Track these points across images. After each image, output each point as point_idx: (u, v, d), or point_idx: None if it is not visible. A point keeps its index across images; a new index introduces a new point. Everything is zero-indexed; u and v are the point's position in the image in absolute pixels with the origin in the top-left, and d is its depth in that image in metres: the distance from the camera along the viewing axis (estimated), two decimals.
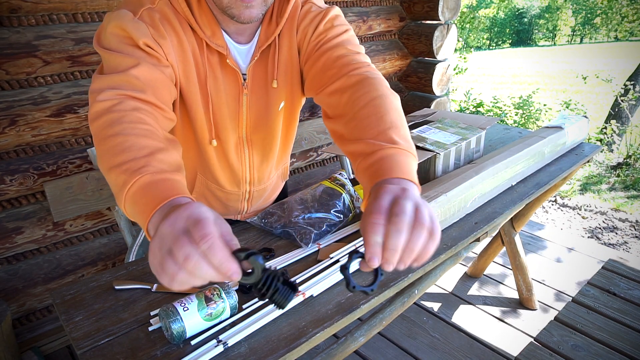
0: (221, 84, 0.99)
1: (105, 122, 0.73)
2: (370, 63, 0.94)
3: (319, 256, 1.09)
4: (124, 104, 0.75)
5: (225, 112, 1.03)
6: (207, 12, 0.91)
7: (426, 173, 1.44)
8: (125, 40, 0.82)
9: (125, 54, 0.81)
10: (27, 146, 1.70)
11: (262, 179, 1.21)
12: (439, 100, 3.00)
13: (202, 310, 0.82)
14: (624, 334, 1.42)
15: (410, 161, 0.74)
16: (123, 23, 0.82)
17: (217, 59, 0.96)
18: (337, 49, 0.95)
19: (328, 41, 0.96)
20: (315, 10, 0.99)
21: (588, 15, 29.01)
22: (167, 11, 0.88)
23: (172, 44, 0.89)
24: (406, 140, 0.77)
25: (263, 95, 1.05)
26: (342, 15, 1.01)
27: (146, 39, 0.83)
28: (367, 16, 2.74)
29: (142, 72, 0.80)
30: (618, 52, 17.00)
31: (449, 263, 1.31)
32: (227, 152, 1.09)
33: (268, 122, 1.10)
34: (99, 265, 1.99)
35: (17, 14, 1.57)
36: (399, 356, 1.86)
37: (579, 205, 3.64)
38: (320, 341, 0.86)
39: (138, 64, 0.80)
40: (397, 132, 0.77)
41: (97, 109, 0.75)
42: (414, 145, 0.78)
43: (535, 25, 34.19)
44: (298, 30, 1.00)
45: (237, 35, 0.96)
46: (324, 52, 0.96)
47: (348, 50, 0.94)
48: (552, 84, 11.37)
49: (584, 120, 1.82)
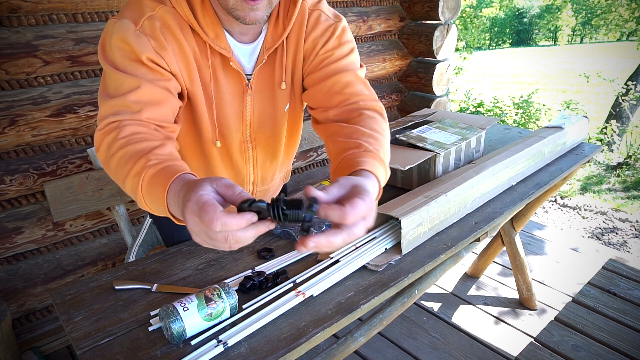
0: (225, 85, 0.99)
1: (106, 146, 0.81)
2: (373, 95, 1.01)
3: (319, 256, 1.09)
4: (123, 129, 0.81)
5: (230, 112, 1.03)
6: (210, 13, 0.91)
7: (426, 173, 1.44)
8: (129, 55, 0.85)
9: (128, 73, 0.84)
10: (27, 146, 1.70)
11: (266, 179, 1.21)
12: (439, 100, 3.00)
13: (202, 310, 0.82)
14: (624, 334, 1.42)
15: (382, 170, 0.82)
16: (126, 36, 0.84)
17: (220, 61, 0.96)
18: (345, 74, 0.99)
19: (335, 61, 1.00)
20: (325, 22, 1.01)
21: (588, 15, 29.01)
22: (168, 18, 0.88)
23: (174, 52, 0.90)
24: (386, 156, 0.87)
25: (269, 96, 1.06)
26: (348, 29, 1.04)
27: (148, 53, 0.85)
28: (367, 16, 2.74)
29: (142, 94, 0.84)
30: (618, 52, 17.00)
31: (449, 263, 1.31)
32: (231, 151, 1.10)
33: (274, 122, 1.11)
34: (99, 265, 1.99)
35: (17, 14, 1.57)
36: (399, 356, 1.86)
37: (579, 206, 3.64)
38: (320, 341, 0.86)
39: (138, 87, 0.84)
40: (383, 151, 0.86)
41: (99, 138, 0.83)
42: (389, 171, 0.87)
43: (535, 25, 34.20)
44: (307, 39, 1.01)
45: (241, 35, 0.96)
46: (331, 74, 0.99)
47: (356, 77, 1.00)
48: (552, 84, 11.37)
49: (584, 120, 1.82)
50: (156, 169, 0.72)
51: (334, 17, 1.03)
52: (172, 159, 0.75)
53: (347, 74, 0.99)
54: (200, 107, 0.99)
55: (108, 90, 0.86)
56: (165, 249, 1.16)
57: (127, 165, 0.75)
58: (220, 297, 0.85)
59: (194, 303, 0.82)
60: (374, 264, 1.04)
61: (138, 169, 0.73)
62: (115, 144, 0.79)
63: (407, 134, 1.49)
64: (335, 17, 1.03)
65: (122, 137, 0.79)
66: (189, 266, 1.07)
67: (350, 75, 0.99)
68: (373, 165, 0.79)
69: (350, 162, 0.80)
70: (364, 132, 0.88)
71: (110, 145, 0.80)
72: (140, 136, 0.80)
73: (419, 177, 1.45)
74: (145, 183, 0.72)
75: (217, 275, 1.03)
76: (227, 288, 0.87)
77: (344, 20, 1.03)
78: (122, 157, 0.77)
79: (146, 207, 0.75)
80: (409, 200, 1.17)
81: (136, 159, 0.74)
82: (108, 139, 0.81)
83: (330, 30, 1.01)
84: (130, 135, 0.80)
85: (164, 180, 0.69)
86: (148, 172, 0.72)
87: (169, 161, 0.74)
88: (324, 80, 1.00)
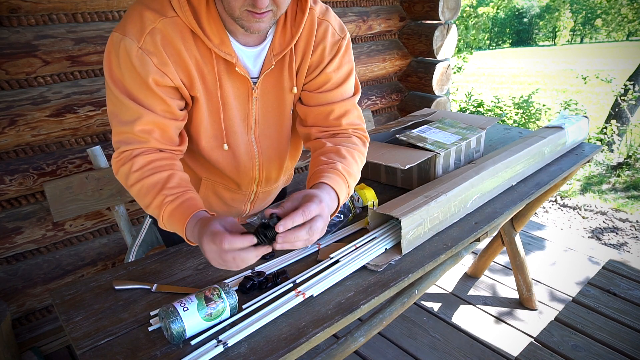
0: (230, 89, 1.00)
1: (124, 176, 0.96)
2: (363, 124, 1.13)
3: (319, 256, 1.09)
4: (136, 161, 0.94)
5: (236, 115, 1.04)
6: (215, 18, 0.91)
7: (426, 173, 1.44)
8: (135, 79, 0.91)
9: (134, 100, 0.92)
10: (26, 146, 1.69)
11: (270, 179, 1.21)
12: (439, 100, 3.00)
13: (202, 310, 0.82)
14: (624, 334, 1.41)
15: (344, 187, 0.98)
16: (131, 58, 0.88)
17: (225, 67, 0.97)
18: (343, 104, 1.09)
19: (336, 87, 1.08)
20: (333, 37, 1.05)
21: (588, 15, 29.01)
22: (169, 30, 0.89)
23: (175, 64, 0.92)
24: (351, 177, 1.01)
25: (275, 99, 1.07)
26: (351, 45, 1.10)
27: (153, 75, 0.90)
28: (367, 16, 2.74)
29: (147, 123, 0.93)
30: (618, 52, 16.99)
31: (449, 263, 1.31)
32: (238, 153, 1.10)
33: (280, 124, 1.12)
34: (99, 265, 1.99)
35: (17, 14, 1.57)
36: (399, 356, 1.86)
37: (579, 206, 3.64)
38: (320, 341, 0.86)
39: (144, 116, 0.92)
40: (351, 173, 1.01)
41: (116, 166, 0.97)
42: (353, 183, 1.02)
43: (535, 25, 34.20)
44: (315, 50, 1.04)
45: (245, 38, 0.97)
46: (330, 101, 1.08)
47: (353, 106, 1.11)
48: (552, 84, 11.37)
49: (584, 120, 1.82)
50: (173, 205, 0.90)
51: (340, 32, 1.06)
52: (184, 191, 0.92)
53: (345, 103, 1.09)
54: (201, 113, 1.00)
55: (117, 114, 0.95)
56: (165, 249, 1.16)
57: (146, 197, 0.92)
58: (220, 297, 0.85)
59: (193, 303, 0.82)
60: (374, 264, 1.04)
61: (157, 204, 0.91)
62: (131, 176, 0.94)
63: (407, 134, 1.49)
64: (341, 31, 1.06)
65: (136, 170, 0.93)
66: (189, 266, 1.07)
67: (348, 104, 1.09)
68: (335, 181, 0.94)
69: (318, 175, 0.96)
70: (342, 154, 1.02)
71: (127, 177, 0.95)
72: (152, 167, 0.94)
73: (419, 177, 1.45)
74: (165, 217, 0.91)
75: (217, 275, 1.03)
76: (227, 288, 0.87)
77: (348, 35, 1.08)
78: (140, 190, 0.93)
79: (166, 229, 0.94)
80: (409, 200, 1.17)
81: (153, 194, 0.91)
82: (124, 169, 0.95)
83: (336, 48, 1.06)
84: (143, 168, 0.93)
85: (182, 219, 0.88)
86: (167, 209, 0.90)
87: (181, 195, 0.91)
88: (322, 106, 1.08)
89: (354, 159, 1.04)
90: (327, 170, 0.97)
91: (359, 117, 1.13)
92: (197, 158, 1.13)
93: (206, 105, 1.00)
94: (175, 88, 0.95)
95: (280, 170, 1.21)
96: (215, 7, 0.91)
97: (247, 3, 0.83)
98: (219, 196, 1.20)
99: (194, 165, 1.15)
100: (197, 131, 1.05)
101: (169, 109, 0.95)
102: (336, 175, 0.96)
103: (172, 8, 0.89)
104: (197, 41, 0.92)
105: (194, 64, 0.94)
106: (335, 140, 1.07)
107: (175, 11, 0.89)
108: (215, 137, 1.06)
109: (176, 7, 0.89)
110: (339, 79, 1.07)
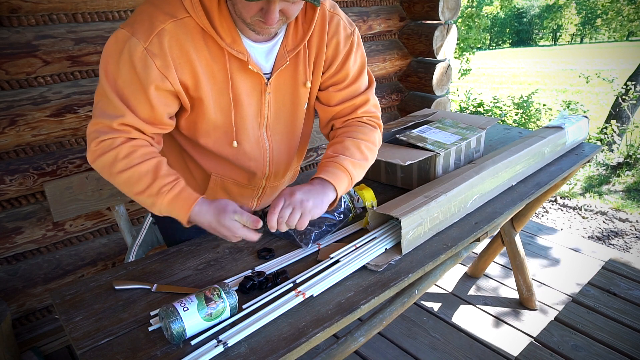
0: (243, 87, 1.01)
1: (108, 163, 0.95)
2: (378, 109, 1.18)
3: (319, 256, 1.09)
4: (121, 149, 0.94)
5: (248, 112, 1.05)
6: (227, 18, 0.92)
7: (426, 173, 1.44)
8: (130, 80, 0.91)
9: (121, 98, 0.92)
10: (27, 146, 1.70)
11: (278, 174, 1.22)
12: (439, 100, 3.00)
13: (202, 310, 0.82)
14: (624, 334, 1.42)
15: (345, 180, 1.05)
16: (133, 59, 0.88)
17: (238, 65, 0.98)
18: (360, 97, 1.14)
19: (353, 82, 1.12)
20: (345, 31, 1.07)
21: (589, 15, 28.99)
22: (178, 32, 0.90)
23: (180, 66, 0.92)
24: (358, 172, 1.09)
25: (288, 93, 1.08)
26: (360, 39, 1.13)
27: (156, 82, 0.91)
28: (367, 16, 2.74)
29: (127, 121, 0.94)
30: (618, 52, 16.98)
31: (449, 263, 1.31)
32: (248, 149, 1.11)
33: (292, 118, 1.14)
34: (99, 265, 1.99)
35: (17, 14, 1.57)
36: (399, 356, 1.86)
37: (579, 206, 3.64)
38: (320, 341, 0.86)
39: (123, 116, 0.93)
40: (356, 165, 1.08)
41: (95, 154, 0.96)
42: (357, 177, 1.10)
43: (535, 26, 34.19)
44: (329, 44, 1.06)
45: (257, 35, 0.97)
46: (348, 97, 1.13)
47: (370, 97, 1.16)
48: (552, 84, 11.36)
49: (584, 120, 1.82)
50: (173, 193, 0.94)
51: (350, 25, 1.09)
52: (177, 179, 0.96)
53: (362, 96, 1.14)
54: (209, 112, 1.01)
55: (101, 106, 0.95)
56: (166, 249, 1.16)
57: (138, 185, 0.94)
58: (220, 297, 0.85)
59: (194, 303, 0.82)
60: (374, 264, 1.04)
61: (154, 191, 0.93)
62: (118, 164, 0.93)
63: (407, 134, 1.49)
64: (350, 24, 1.10)
65: (124, 158, 0.93)
66: (189, 266, 1.07)
67: (366, 96, 1.15)
68: (334, 174, 1.02)
69: (320, 168, 1.05)
70: (352, 144, 1.08)
71: (112, 164, 0.94)
72: (139, 154, 0.94)
73: (419, 177, 1.45)
74: (165, 203, 0.94)
75: (217, 275, 1.03)
76: (227, 288, 0.87)
77: (356, 28, 1.11)
78: (130, 178, 0.94)
79: (159, 213, 0.97)
80: (409, 200, 1.17)
81: (147, 181, 0.93)
82: (108, 157, 0.94)
83: (350, 42, 1.08)
84: (130, 155, 0.94)
85: (185, 205, 0.94)
86: (167, 196, 0.93)
87: (177, 183, 0.95)
88: (344, 102, 1.14)
89: (359, 148, 1.09)
90: (331, 165, 1.05)
91: (375, 105, 1.18)
92: (206, 154, 1.13)
93: (216, 103, 1.00)
94: (173, 93, 0.96)
95: (289, 165, 1.23)
96: (226, 7, 0.92)
97: (258, 14, 0.85)
98: (227, 191, 1.21)
99: (203, 162, 1.15)
100: (205, 130, 1.05)
101: (154, 116, 0.96)
102: (334, 168, 1.04)
103: (184, 9, 0.89)
104: (207, 40, 0.93)
105: (204, 64, 0.94)
106: (345, 130, 1.13)
107: (188, 11, 0.89)
108: (225, 134, 1.07)
109: (189, 8, 0.89)
110: (355, 73, 1.12)
